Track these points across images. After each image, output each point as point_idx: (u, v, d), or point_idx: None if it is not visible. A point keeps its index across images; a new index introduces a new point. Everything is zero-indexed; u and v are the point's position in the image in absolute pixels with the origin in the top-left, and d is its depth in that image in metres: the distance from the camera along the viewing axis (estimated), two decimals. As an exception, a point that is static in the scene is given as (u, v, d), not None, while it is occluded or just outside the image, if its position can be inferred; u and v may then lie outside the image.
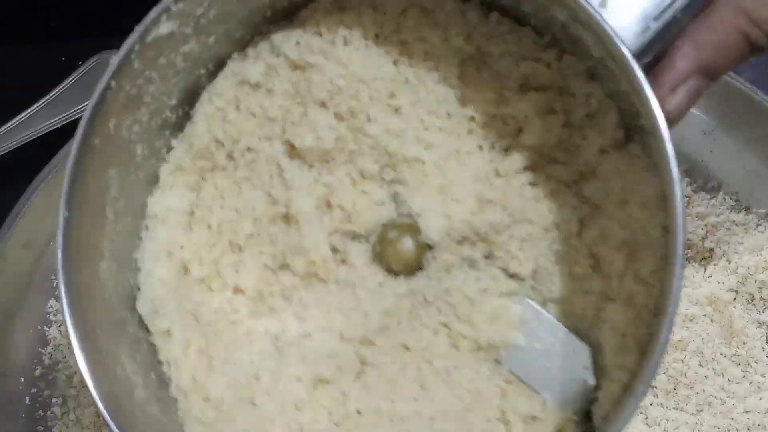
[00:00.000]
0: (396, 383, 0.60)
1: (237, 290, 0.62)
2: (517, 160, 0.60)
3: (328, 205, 0.61)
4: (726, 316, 0.82)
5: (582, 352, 0.60)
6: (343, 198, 0.60)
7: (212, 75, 0.61)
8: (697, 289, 0.83)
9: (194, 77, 0.60)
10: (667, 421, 0.79)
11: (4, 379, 0.85)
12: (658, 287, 0.58)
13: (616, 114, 0.59)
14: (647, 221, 0.57)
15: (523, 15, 0.59)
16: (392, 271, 0.61)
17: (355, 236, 0.61)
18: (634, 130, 0.58)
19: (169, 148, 0.62)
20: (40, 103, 0.89)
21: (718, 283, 0.84)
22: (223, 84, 0.61)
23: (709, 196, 0.88)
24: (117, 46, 0.55)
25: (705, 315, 0.82)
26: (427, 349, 0.60)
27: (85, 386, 0.84)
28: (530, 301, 0.60)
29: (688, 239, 0.85)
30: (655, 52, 0.54)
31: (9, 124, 0.89)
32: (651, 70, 0.54)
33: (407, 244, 0.60)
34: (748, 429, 0.77)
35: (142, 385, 0.58)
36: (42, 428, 0.85)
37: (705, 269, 0.85)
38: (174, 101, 0.60)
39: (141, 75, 0.56)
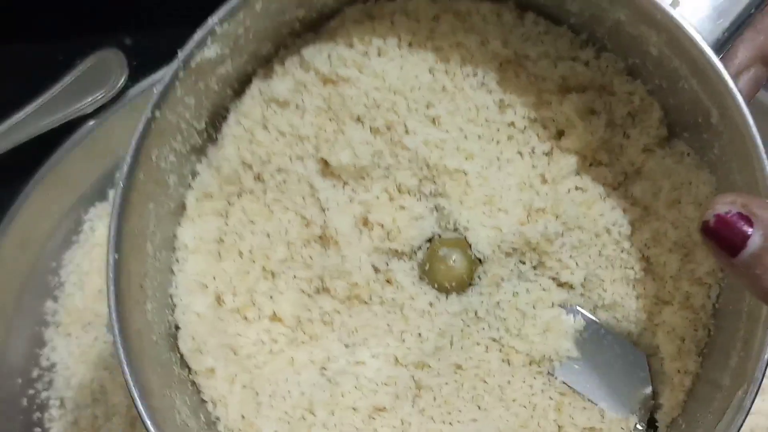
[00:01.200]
0: (452, 405, 0.58)
1: (274, 318, 0.59)
2: (562, 164, 0.58)
3: (366, 224, 0.59)
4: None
5: (638, 359, 0.59)
6: (382, 215, 0.58)
7: (236, 93, 0.59)
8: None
9: (220, 98, 0.58)
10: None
11: (1, 380, 0.84)
12: (715, 287, 0.57)
13: (660, 111, 0.58)
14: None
15: (561, 14, 0.58)
16: (443, 289, 0.59)
17: (397, 254, 0.59)
18: (682, 127, 0.57)
19: (195, 174, 0.59)
20: (37, 102, 0.87)
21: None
22: (251, 103, 0.58)
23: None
24: (114, 45, 0.53)
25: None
26: (480, 367, 0.59)
27: (82, 388, 0.84)
28: (581, 309, 0.59)
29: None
30: (727, 48, 0.53)
31: (5, 123, 0.87)
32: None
33: (458, 260, 0.58)
34: (752, 431, 0.76)
35: (196, 429, 0.56)
36: (39, 430, 0.84)
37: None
38: (202, 125, 0.58)
39: (181, 101, 0.54)
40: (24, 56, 0.94)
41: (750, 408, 0.51)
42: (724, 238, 0.45)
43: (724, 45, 0.52)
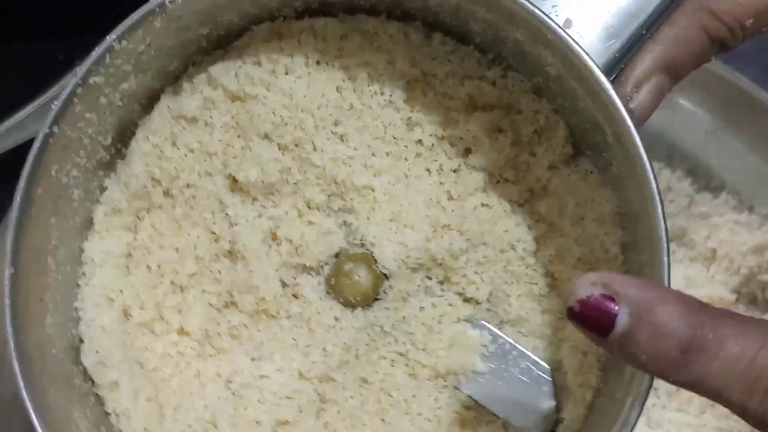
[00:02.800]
0: (357, 419, 0.59)
1: (182, 333, 0.60)
2: (469, 181, 0.59)
3: (274, 239, 0.59)
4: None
5: (542, 374, 0.59)
6: (290, 231, 0.59)
7: (144, 109, 0.59)
8: (699, 289, 0.83)
9: (127, 113, 0.58)
10: (669, 422, 0.79)
11: (1, 380, 0.80)
12: None
13: (565, 129, 0.59)
14: (605, 238, 0.58)
15: (467, 33, 0.59)
16: (349, 304, 0.59)
17: (305, 269, 0.60)
18: (586, 146, 0.58)
19: (103, 189, 0.59)
20: (38, 102, 0.86)
21: (721, 283, 0.84)
22: (159, 120, 0.59)
23: (711, 196, 0.88)
24: None
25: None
26: (386, 381, 0.59)
27: None
28: (486, 324, 0.60)
29: (690, 239, 0.86)
30: (619, 69, 0.54)
31: (5, 123, 0.86)
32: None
33: (364, 275, 0.59)
34: (751, 431, 0.77)
35: None
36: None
37: (707, 270, 0.85)
38: (108, 140, 0.58)
39: (82, 117, 0.54)
40: (24, 56, 0.94)
41: (636, 420, 0.51)
42: (590, 322, 0.45)
43: (615, 66, 0.53)
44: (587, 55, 0.50)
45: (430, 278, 0.59)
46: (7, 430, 0.82)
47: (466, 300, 0.60)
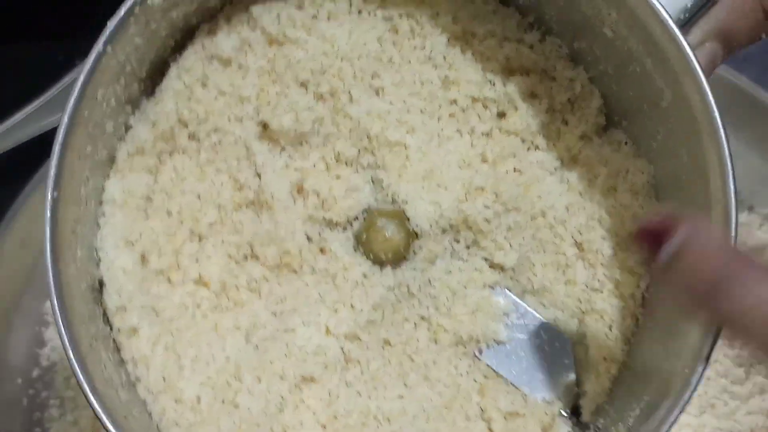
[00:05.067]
0: (379, 381, 0.58)
1: (198, 283, 0.58)
2: (503, 144, 0.58)
3: (300, 191, 0.58)
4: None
5: (563, 346, 0.59)
6: (317, 183, 0.57)
7: (176, 48, 0.58)
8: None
9: (162, 48, 0.56)
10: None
11: (1, 380, 0.84)
12: (646, 277, 0.58)
13: (599, 99, 0.58)
14: (638, 209, 0.57)
15: None
16: (378, 261, 0.58)
17: (331, 224, 0.58)
18: (621, 116, 0.58)
19: (128, 127, 0.57)
20: (38, 102, 0.85)
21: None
22: (193, 58, 0.57)
23: (712, 196, 0.88)
24: None
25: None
26: (408, 344, 0.58)
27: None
28: (509, 293, 0.59)
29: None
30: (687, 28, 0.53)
31: (6, 123, 0.85)
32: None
33: (396, 232, 0.57)
34: (752, 430, 0.77)
35: (120, 385, 0.54)
36: (39, 430, 0.84)
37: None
38: (144, 74, 0.56)
39: (132, 41, 0.52)
40: (24, 56, 0.93)
41: (683, 408, 0.51)
42: (649, 242, 0.50)
43: (682, 26, 0.52)
44: (662, 6, 0.50)
45: (458, 241, 0.59)
46: (7, 430, 0.82)
47: (492, 266, 0.59)
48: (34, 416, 0.84)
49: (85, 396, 0.49)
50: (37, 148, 0.84)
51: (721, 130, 0.49)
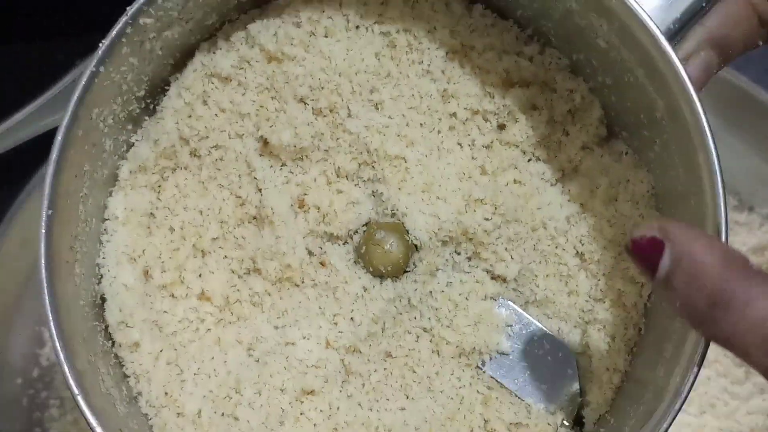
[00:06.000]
0: (381, 392, 0.58)
1: (202, 297, 0.58)
2: (502, 156, 0.59)
3: (302, 206, 0.58)
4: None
5: (566, 356, 0.59)
6: (318, 198, 0.58)
7: (176, 68, 0.58)
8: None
9: (160, 67, 0.57)
10: (670, 423, 0.79)
11: (1, 380, 0.85)
12: (648, 286, 0.58)
13: (600, 110, 0.59)
14: (639, 219, 0.57)
15: (507, 6, 0.59)
16: (378, 273, 0.58)
17: (332, 238, 0.59)
18: (621, 126, 0.58)
19: (129, 145, 0.58)
20: (37, 102, 0.86)
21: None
22: (193, 77, 0.58)
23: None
24: None
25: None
26: (410, 356, 0.59)
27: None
28: (512, 304, 0.59)
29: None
30: (677, 40, 0.53)
31: (5, 123, 0.86)
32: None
33: (395, 244, 0.58)
34: (752, 430, 0.77)
35: (119, 399, 0.55)
36: (39, 430, 0.85)
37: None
38: (142, 92, 0.57)
39: (125, 61, 0.53)
40: (24, 56, 0.95)
41: (675, 415, 0.50)
42: (640, 261, 0.47)
43: (673, 36, 0.52)
44: (649, 17, 0.50)
45: (458, 253, 0.59)
46: (7, 430, 0.83)
47: (494, 278, 0.59)
48: (34, 416, 0.85)
49: (81, 412, 0.50)
50: (37, 148, 0.85)
51: (711, 141, 0.49)
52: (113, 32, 0.51)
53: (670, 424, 0.50)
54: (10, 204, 0.85)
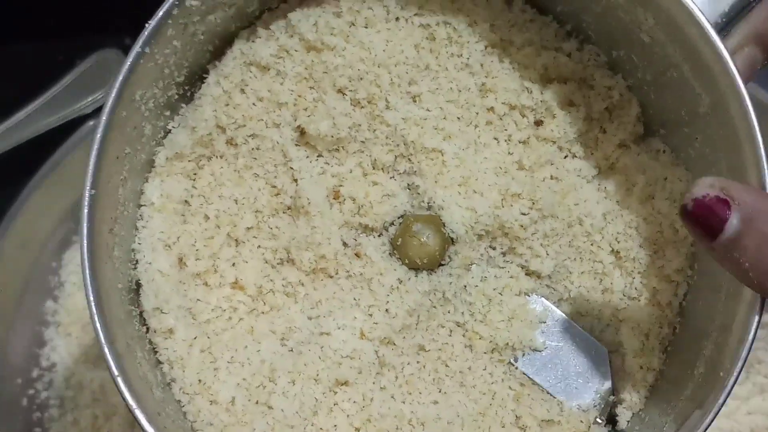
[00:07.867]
0: (414, 386, 0.58)
1: (235, 286, 0.58)
2: (540, 152, 0.58)
3: (337, 197, 0.58)
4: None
5: (599, 354, 0.59)
6: (354, 189, 0.58)
7: (215, 55, 0.58)
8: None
9: (200, 54, 0.57)
10: (670, 423, 0.78)
11: (1, 380, 0.85)
12: (683, 285, 0.57)
13: (637, 108, 0.58)
14: (675, 217, 0.57)
15: (546, 2, 0.59)
16: (413, 266, 0.58)
17: (367, 230, 0.59)
18: (659, 124, 0.58)
19: (166, 132, 0.58)
20: (38, 102, 0.87)
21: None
22: (232, 65, 0.58)
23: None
24: (114, 45, 0.53)
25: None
26: (443, 350, 0.58)
27: (82, 388, 0.84)
28: (545, 301, 0.59)
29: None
30: (723, 35, 0.53)
31: (6, 123, 0.87)
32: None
33: (432, 237, 0.57)
34: (752, 430, 0.76)
35: (155, 384, 0.54)
36: (39, 430, 0.85)
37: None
38: (182, 78, 0.57)
39: (169, 43, 0.53)
40: (24, 56, 0.95)
41: (717, 413, 0.50)
42: (702, 222, 0.45)
43: (720, 31, 0.52)
44: (700, 11, 0.49)
45: (494, 248, 0.59)
46: (7, 430, 0.83)
47: (529, 273, 0.59)
48: (34, 416, 0.85)
49: (121, 393, 0.50)
50: (37, 148, 0.87)
51: (758, 136, 0.49)
52: (160, 12, 0.51)
53: (710, 423, 0.50)
54: (10, 204, 0.85)
